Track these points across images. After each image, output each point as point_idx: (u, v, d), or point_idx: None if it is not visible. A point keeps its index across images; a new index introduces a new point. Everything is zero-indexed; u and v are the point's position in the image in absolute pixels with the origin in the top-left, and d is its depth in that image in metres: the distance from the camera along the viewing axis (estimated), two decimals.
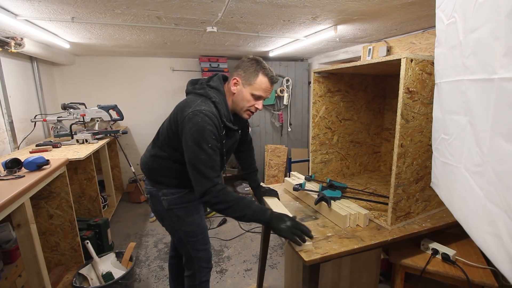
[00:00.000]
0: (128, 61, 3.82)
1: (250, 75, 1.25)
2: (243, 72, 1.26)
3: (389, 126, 2.06)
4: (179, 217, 1.40)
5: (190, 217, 1.42)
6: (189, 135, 1.16)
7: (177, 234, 1.45)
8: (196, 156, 1.15)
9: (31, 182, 1.46)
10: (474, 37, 0.71)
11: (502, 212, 0.63)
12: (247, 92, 1.26)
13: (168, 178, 1.38)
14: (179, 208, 1.39)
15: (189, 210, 1.42)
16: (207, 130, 1.16)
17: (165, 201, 1.38)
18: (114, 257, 2.08)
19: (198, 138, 1.15)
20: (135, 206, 3.62)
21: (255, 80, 1.24)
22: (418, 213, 1.37)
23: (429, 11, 1.72)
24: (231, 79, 1.29)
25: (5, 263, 1.76)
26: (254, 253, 2.50)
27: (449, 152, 0.92)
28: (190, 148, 1.16)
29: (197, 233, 1.44)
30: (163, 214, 1.43)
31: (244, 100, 1.27)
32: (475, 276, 1.23)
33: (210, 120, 1.17)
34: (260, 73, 1.24)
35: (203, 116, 1.17)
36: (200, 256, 1.46)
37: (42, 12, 1.69)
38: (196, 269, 1.46)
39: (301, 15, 1.83)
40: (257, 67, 1.25)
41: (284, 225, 1.10)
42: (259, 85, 1.25)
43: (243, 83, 1.26)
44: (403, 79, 1.12)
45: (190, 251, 1.45)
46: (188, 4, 1.60)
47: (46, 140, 2.85)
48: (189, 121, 1.18)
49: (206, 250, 1.48)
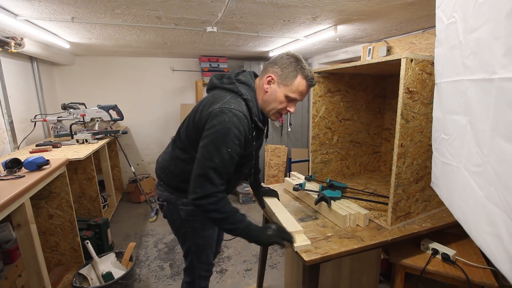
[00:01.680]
0: (128, 61, 3.82)
1: (287, 75, 1.12)
2: (280, 70, 1.13)
3: (389, 126, 2.06)
4: (194, 229, 1.32)
5: (206, 231, 1.35)
6: (210, 132, 1.05)
7: (187, 244, 1.38)
8: (209, 157, 1.04)
9: (31, 182, 1.46)
10: (474, 37, 0.71)
11: (502, 212, 0.63)
12: (282, 93, 1.14)
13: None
14: (196, 220, 1.31)
15: (207, 224, 1.34)
16: (231, 133, 1.04)
17: (184, 211, 1.28)
18: (114, 257, 2.08)
19: (219, 139, 1.03)
20: (135, 206, 3.62)
21: (292, 82, 1.12)
22: (418, 213, 1.37)
23: (429, 11, 1.72)
24: (264, 76, 1.16)
25: (5, 263, 1.76)
26: (254, 253, 2.50)
27: (449, 152, 0.92)
28: (206, 146, 1.05)
29: (206, 246, 1.39)
30: (179, 224, 1.34)
31: (276, 101, 1.15)
32: (475, 276, 1.23)
33: (239, 122, 1.05)
34: (299, 75, 1.12)
35: (232, 116, 1.04)
36: (202, 267, 1.42)
37: (42, 12, 1.69)
38: (196, 277, 1.42)
39: (301, 15, 1.83)
40: (296, 67, 1.12)
41: (271, 230, 1.09)
42: (296, 87, 1.13)
43: (279, 82, 1.13)
44: (403, 79, 1.12)
45: (193, 261, 1.40)
46: (188, 4, 1.60)
47: (46, 140, 2.85)
48: (214, 117, 1.05)
49: (209, 262, 1.44)
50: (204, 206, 1.06)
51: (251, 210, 3.43)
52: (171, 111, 4.09)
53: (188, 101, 4.13)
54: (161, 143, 4.10)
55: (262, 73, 1.20)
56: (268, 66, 1.18)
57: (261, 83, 1.18)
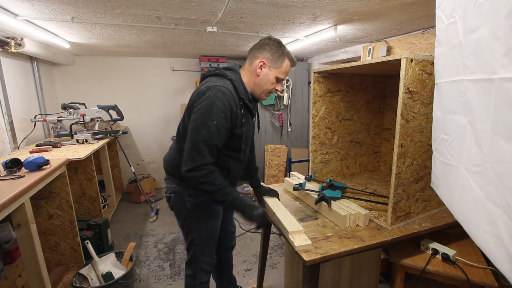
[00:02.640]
0: (128, 61, 3.82)
1: (277, 59, 1.26)
2: (270, 55, 1.26)
3: (389, 126, 2.06)
4: (199, 220, 1.39)
5: (211, 222, 1.41)
6: (197, 108, 1.16)
7: (191, 235, 1.43)
8: (197, 130, 1.14)
9: (31, 182, 1.46)
10: (474, 37, 0.71)
11: (502, 212, 0.63)
12: (273, 75, 1.28)
13: None
14: (201, 211, 1.38)
15: (212, 216, 1.41)
16: (216, 106, 1.14)
17: (189, 203, 1.36)
18: (114, 257, 2.08)
19: (205, 113, 1.14)
20: (135, 206, 3.62)
21: (281, 64, 1.27)
22: (418, 213, 1.37)
23: (429, 11, 1.72)
24: (256, 61, 1.27)
25: (5, 263, 1.76)
26: (254, 253, 2.50)
27: (449, 152, 0.92)
28: (194, 121, 1.16)
29: (210, 238, 1.44)
30: (185, 215, 1.40)
31: (268, 82, 1.29)
32: (475, 276, 1.23)
33: (223, 96, 1.16)
34: (286, 58, 1.27)
35: (216, 91, 1.16)
36: (204, 259, 1.46)
37: (42, 12, 1.69)
38: (198, 270, 1.47)
39: (301, 15, 1.83)
40: (283, 51, 1.27)
41: (256, 212, 1.22)
42: (285, 68, 1.28)
43: (270, 66, 1.27)
44: (403, 79, 1.12)
45: (196, 253, 1.44)
46: (188, 4, 1.60)
47: (46, 140, 2.85)
48: (201, 95, 1.17)
49: (212, 256, 1.49)
50: (196, 178, 1.15)
51: None
52: (171, 111, 4.09)
53: None
54: (161, 143, 4.10)
55: (250, 58, 1.31)
56: (255, 51, 1.29)
57: (252, 68, 1.29)
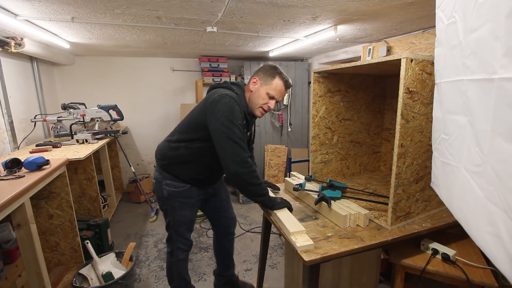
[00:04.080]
0: (128, 61, 3.82)
1: (268, 77, 1.43)
2: (262, 74, 1.44)
3: (389, 126, 2.06)
4: (174, 207, 1.57)
5: (183, 211, 1.59)
6: (221, 113, 1.30)
7: (167, 218, 1.63)
8: (230, 130, 1.29)
9: (31, 182, 1.46)
10: (474, 37, 0.72)
11: (502, 212, 0.63)
12: (264, 91, 1.43)
13: (177, 167, 1.52)
14: (175, 200, 1.55)
15: (184, 205, 1.58)
16: (235, 109, 1.32)
17: (166, 191, 1.54)
18: (114, 257, 2.08)
19: (230, 115, 1.30)
20: (135, 206, 3.62)
21: (271, 81, 1.42)
22: (418, 213, 1.37)
23: (429, 11, 1.72)
24: (250, 79, 1.47)
25: (5, 263, 1.76)
26: (254, 253, 2.50)
27: (449, 152, 0.92)
28: (223, 124, 1.29)
29: (182, 223, 1.62)
30: (162, 201, 1.60)
31: (260, 98, 1.44)
32: (475, 276, 1.23)
33: (235, 102, 1.34)
34: (277, 76, 1.42)
35: (230, 98, 1.33)
36: (179, 239, 1.64)
37: (42, 12, 1.69)
38: (175, 248, 1.65)
39: (301, 15, 1.83)
40: (275, 71, 1.43)
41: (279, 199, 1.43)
42: (275, 86, 1.42)
43: (261, 83, 1.44)
44: (403, 79, 1.12)
45: (172, 234, 1.64)
46: (188, 4, 1.60)
47: (46, 140, 2.85)
48: (217, 103, 1.33)
49: (186, 238, 1.66)
50: (245, 175, 1.30)
51: (251, 210, 3.43)
52: (171, 111, 4.09)
53: (188, 101, 4.13)
54: None
55: (249, 80, 1.50)
56: (253, 74, 1.49)
57: (248, 86, 1.48)
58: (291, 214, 1.34)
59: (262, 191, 1.37)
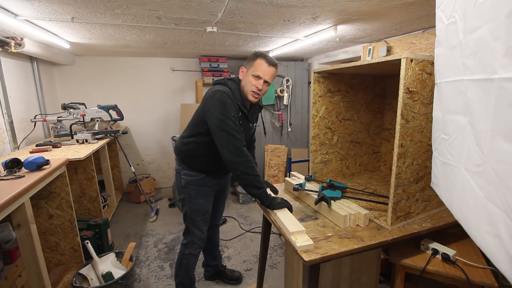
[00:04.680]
0: (128, 61, 3.82)
1: (250, 61, 1.51)
2: (246, 62, 1.54)
3: (389, 126, 2.06)
4: (190, 195, 1.68)
5: (198, 199, 1.69)
6: (214, 107, 1.41)
7: (185, 207, 1.72)
8: (224, 122, 1.38)
9: (31, 182, 1.46)
10: (474, 37, 0.71)
11: (502, 212, 0.63)
12: (249, 75, 1.50)
13: (191, 159, 1.66)
14: (192, 188, 1.67)
15: (200, 193, 1.68)
16: (227, 103, 1.41)
17: (184, 180, 1.67)
18: (114, 257, 2.08)
19: (222, 109, 1.39)
20: (135, 206, 3.62)
21: (253, 63, 1.49)
22: (418, 213, 1.37)
23: (429, 11, 1.72)
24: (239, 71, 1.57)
25: (5, 263, 1.76)
26: (254, 253, 2.50)
27: (449, 152, 0.92)
28: (217, 117, 1.39)
29: (199, 213, 1.71)
30: (180, 189, 1.72)
31: (247, 83, 1.51)
32: (475, 276, 1.23)
33: (228, 96, 1.43)
34: (258, 58, 1.49)
35: (222, 93, 1.43)
36: (195, 232, 1.73)
37: (42, 12, 1.69)
38: (190, 241, 1.74)
39: (301, 15, 1.83)
40: (255, 54, 1.51)
41: (279, 199, 1.43)
42: (257, 66, 1.48)
43: (247, 69, 1.53)
44: (403, 79, 1.12)
45: (189, 224, 1.73)
46: (188, 4, 1.60)
47: (46, 140, 2.85)
48: (211, 99, 1.44)
49: (202, 230, 1.74)
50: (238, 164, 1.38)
51: (251, 210, 3.43)
52: (171, 111, 4.09)
53: (188, 101, 4.13)
54: (161, 143, 4.10)
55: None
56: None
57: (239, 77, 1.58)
58: (291, 214, 1.34)
59: (257, 183, 1.41)
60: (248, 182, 1.41)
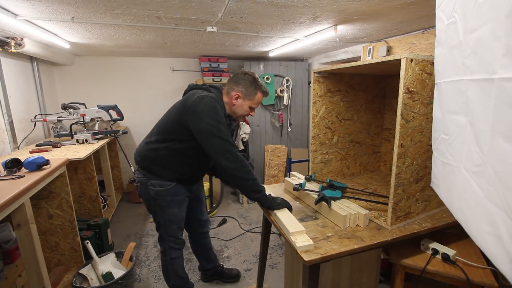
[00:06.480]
0: (128, 61, 3.82)
1: (250, 93, 1.49)
2: (244, 89, 1.49)
3: (389, 126, 2.06)
4: (161, 206, 1.58)
5: (171, 209, 1.60)
6: (204, 112, 1.34)
7: (157, 218, 1.65)
8: (217, 128, 1.33)
9: (31, 182, 1.46)
10: (474, 37, 0.71)
11: (502, 212, 0.63)
12: (247, 105, 1.52)
13: (160, 167, 1.53)
14: (162, 199, 1.56)
15: (172, 203, 1.59)
16: (218, 108, 1.38)
17: (152, 191, 1.55)
18: (114, 257, 2.08)
19: (214, 114, 1.34)
20: (135, 206, 3.62)
21: (254, 97, 1.51)
22: (418, 213, 1.37)
23: (429, 11, 1.72)
24: (232, 93, 1.50)
25: (5, 263, 1.76)
26: (254, 253, 2.50)
27: (449, 152, 0.92)
28: (209, 123, 1.33)
29: (173, 223, 1.63)
30: (150, 201, 1.60)
31: (243, 110, 1.53)
32: (475, 276, 1.23)
33: (217, 102, 1.40)
34: (258, 91, 1.51)
35: (211, 99, 1.38)
36: (170, 239, 1.66)
37: (42, 12, 1.69)
38: (167, 248, 1.67)
39: (301, 15, 1.83)
40: (256, 86, 1.50)
41: (279, 200, 1.43)
42: (257, 100, 1.52)
43: (244, 98, 1.50)
44: (403, 79, 1.12)
45: (163, 233, 1.66)
46: (188, 4, 1.60)
47: (46, 140, 2.85)
48: (198, 103, 1.35)
49: (177, 237, 1.67)
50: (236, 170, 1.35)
51: (251, 210, 3.43)
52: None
53: None
54: None
55: (228, 87, 1.53)
56: (232, 84, 1.51)
57: (229, 97, 1.51)
58: (291, 214, 1.34)
59: (256, 187, 1.40)
60: (247, 188, 1.40)
